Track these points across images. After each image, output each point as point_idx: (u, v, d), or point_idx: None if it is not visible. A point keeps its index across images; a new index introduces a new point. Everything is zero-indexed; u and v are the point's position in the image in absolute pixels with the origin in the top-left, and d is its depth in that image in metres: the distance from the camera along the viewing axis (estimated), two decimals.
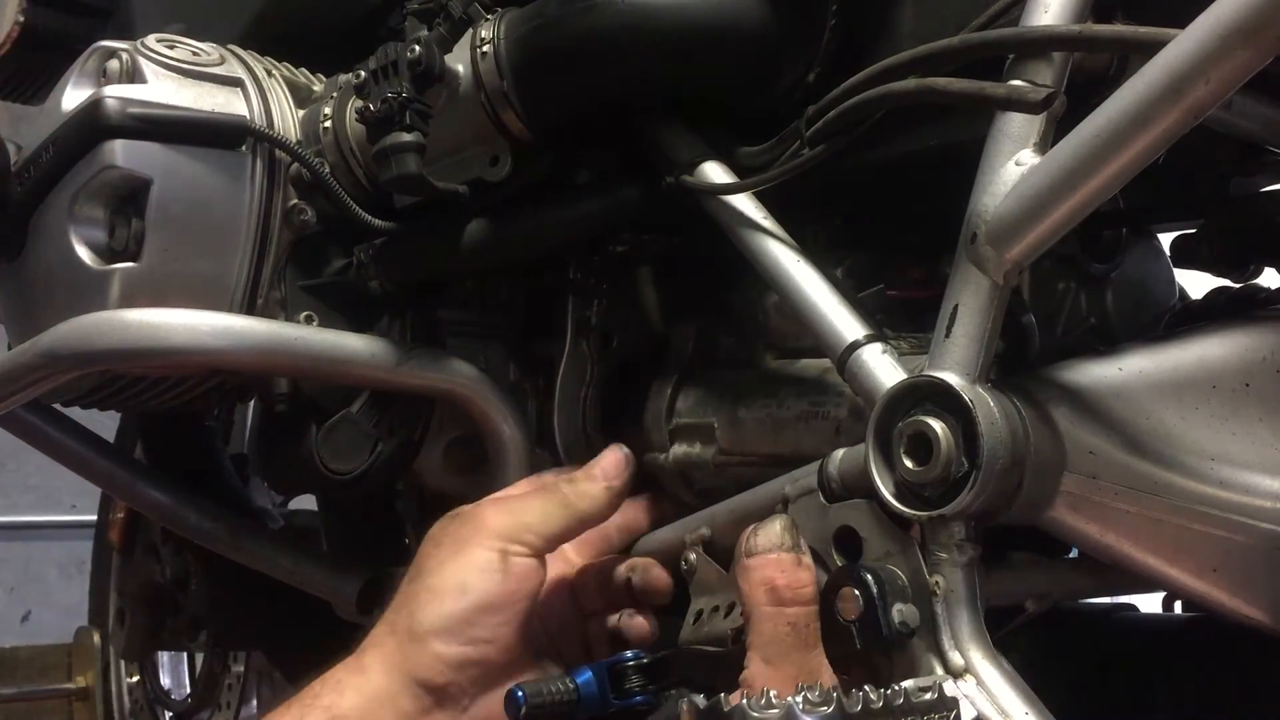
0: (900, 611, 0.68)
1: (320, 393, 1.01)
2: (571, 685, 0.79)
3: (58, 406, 1.12)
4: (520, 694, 0.77)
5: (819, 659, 0.70)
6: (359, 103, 0.91)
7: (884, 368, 0.74)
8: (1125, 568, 0.74)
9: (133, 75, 0.94)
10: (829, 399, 0.83)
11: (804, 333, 0.82)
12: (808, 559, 0.72)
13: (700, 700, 0.61)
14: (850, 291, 0.79)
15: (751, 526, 0.74)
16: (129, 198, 0.91)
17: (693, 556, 0.83)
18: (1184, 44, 0.61)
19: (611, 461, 0.86)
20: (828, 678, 0.68)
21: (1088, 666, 0.96)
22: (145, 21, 1.20)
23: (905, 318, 0.84)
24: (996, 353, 0.72)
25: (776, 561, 0.71)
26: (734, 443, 0.90)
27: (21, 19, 1.25)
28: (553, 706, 0.77)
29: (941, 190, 0.77)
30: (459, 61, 0.90)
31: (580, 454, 0.94)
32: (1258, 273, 0.98)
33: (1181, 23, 0.61)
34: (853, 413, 0.81)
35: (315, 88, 1.04)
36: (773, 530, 0.73)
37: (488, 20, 0.90)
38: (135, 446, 1.34)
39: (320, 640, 0.94)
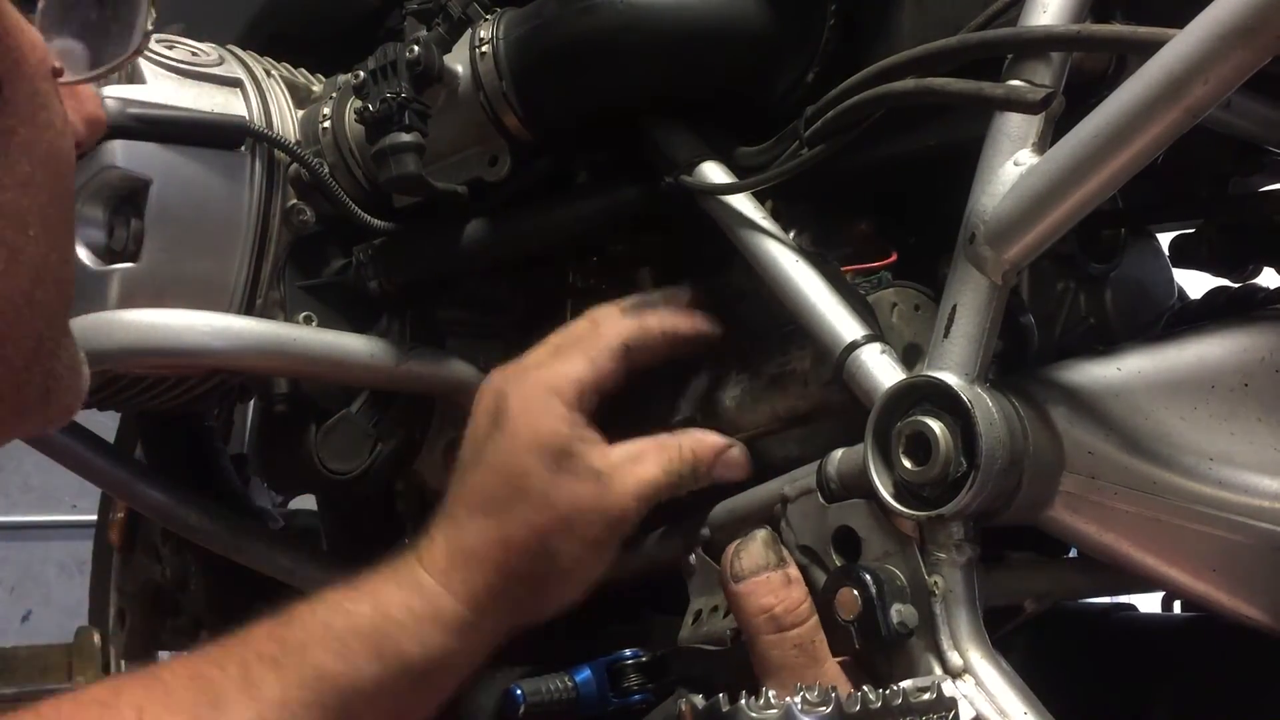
0: (899, 612, 0.68)
1: (320, 393, 1.01)
2: (570, 683, 0.79)
3: None
4: (519, 692, 0.77)
5: (833, 669, 0.69)
6: (358, 103, 0.91)
7: (883, 368, 0.74)
8: (1124, 568, 0.74)
9: (132, 75, 0.94)
10: (792, 354, 0.82)
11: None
12: (794, 570, 0.72)
13: (699, 700, 0.61)
14: (850, 291, 0.79)
15: (733, 548, 0.72)
16: (128, 198, 0.91)
17: (692, 557, 0.83)
18: (1183, 44, 0.61)
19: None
20: (844, 686, 0.68)
21: (1087, 666, 0.96)
22: None
23: None
24: (995, 353, 0.72)
25: (767, 584, 0.71)
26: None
27: None
28: (551, 705, 0.78)
29: (941, 190, 0.77)
30: (458, 62, 0.90)
31: None
32: (1257, 273, 0.98)
33: (1180, 23, 0.61)
34: (816, 361, 0.80)
35: (314, 88, 1.04)
36: (755, 549, 0.72)
37: (487, 20, 0.90)
38: (135, 446, 1.34)
39: None
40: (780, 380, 0.83)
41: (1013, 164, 0.70)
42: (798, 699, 0.59)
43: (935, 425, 0.68)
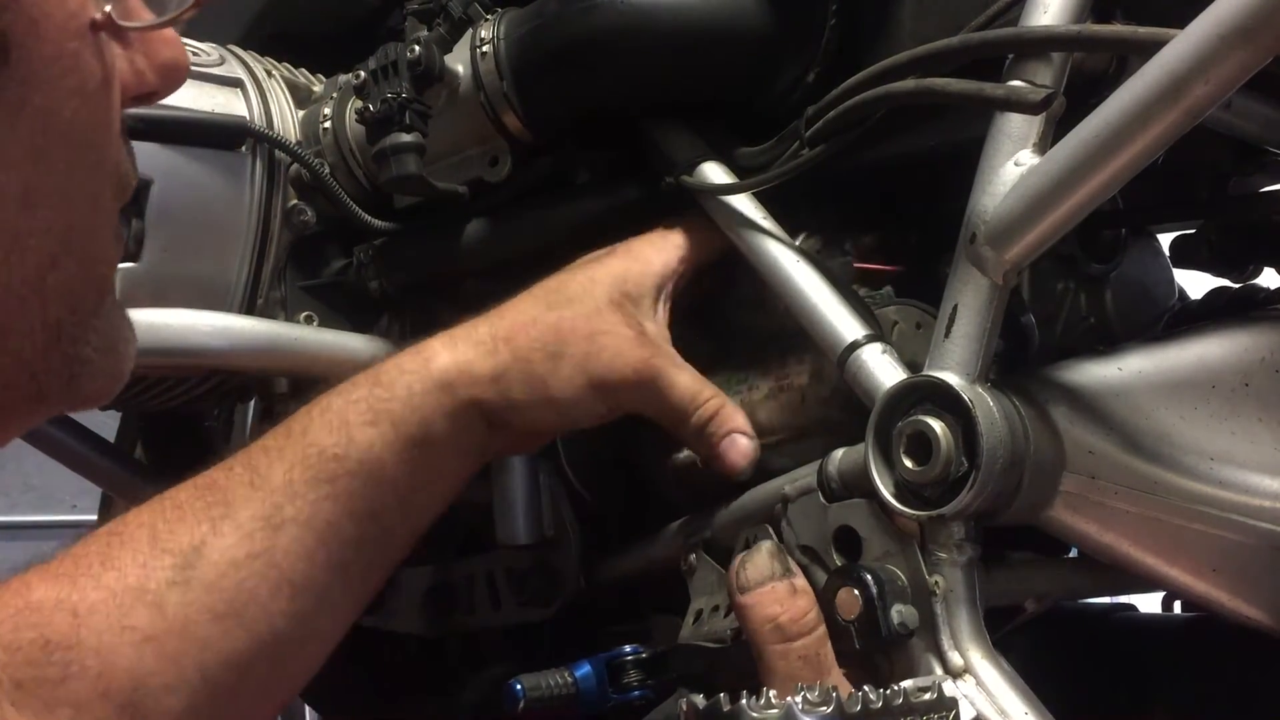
0: (899, 612, 0.68)
1: (320, 393, 1.01)
2: (570, 679, 0.79)
3: None
4: (519, 687, 0.77)
5: (838, 679, 0.69)
6: (359, 103, 0.91)
7: (884, 368, 0.74)
8: (1125, 567, 0.74)
9: None
10: (791, 369, 0.83)
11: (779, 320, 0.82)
12: (801, 581, 0.71)
13: (700, 700, 0.61)
14: (850, 291, 0.79)
15: (738, 560, 0.72)
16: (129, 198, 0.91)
17: (692, 557, 0.82)
18: (1183, 44, 0.61)
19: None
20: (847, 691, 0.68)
21: (1087, 666, 0.96)
22: None
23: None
24: (996, 352, 0.72)
25: (772, 594, 0.70)
26: None
27: None
28: (551, 700, 0.78)
29: (941, 190, 0.77)
30: (459, 62, 0.90)
31: (581, 455, 0.94)
32: (1257, 273, 0.98)
33: (1181, 23, 0.61)
34: (814, 377, 0.81)
35: (315, 88, 1.04)
36: (760, 560, 0.71)
37: (487, 20, 0.90)
38: (135, 446, 1.34)
39: None
40: (778, 394, 0.83)
41: (1013, 164, 0.70)
42: (798, 699, 0.59)
43: (936, 425, 0.68)
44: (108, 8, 0.52)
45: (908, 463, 0.69)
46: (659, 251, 0.85)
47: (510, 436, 0.81)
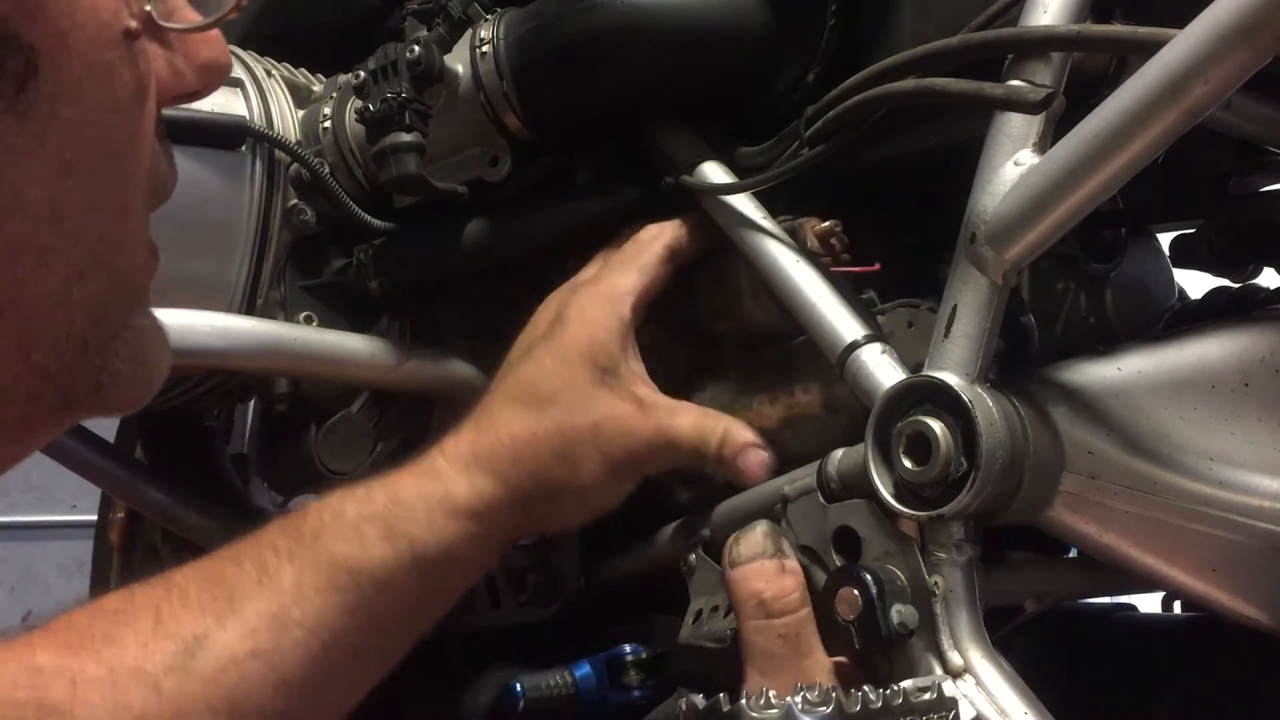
0: (899, 612, 0.68)
1: (320, 393, 1.01)
2: (570, 678, 0.79)
3: None
4: (518, 687, 0.78)
5: (818, 663, 0.69)
6: (358, 103, 0.91)
7: (883, 368, 0.74)
8: (1125, 568, 0.74)
9: None
10: (798, 396, 0.82)
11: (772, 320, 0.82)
12: (791, 563, 0.72)
13: (699, 700, 0.61)
14: (850, 291, 0.79)
15: (733, 536, 0.73)
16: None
17: (692, 557, 0.83)
18: (1183, 44, 0.61)
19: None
20: (830, 680, 0.68)
21: (1087, 666, 0.96)
22: None
23: None
24: (996, 353, 0.72)
25: (759, 571, 0.71)
26: None
27: None
28: (551, 700, 0.78)
29: (941, 190, 0.77)
30: (458, 62, 0.90)
31: None
32: (1257, 273, 0.98)
33: (1181, 23, 0.62)
34: (827, 407, 0.81)
35: (315, 88, 1.04)
36: (754, 538, 0.72)
37: (487, 20, 0.90)
38: (135, 446, 1.34)
39: None
40: (792, 424, 0.82)
41: (1013, 164, 0.70)
42: (798, 698, 0.59)
43: (936, 425, 0.68)
44: (148, 7, 0.50)
45: (907, 463, 0.69)
46: (611, 307, 0.83)
47: (529, 535, 0.83)
